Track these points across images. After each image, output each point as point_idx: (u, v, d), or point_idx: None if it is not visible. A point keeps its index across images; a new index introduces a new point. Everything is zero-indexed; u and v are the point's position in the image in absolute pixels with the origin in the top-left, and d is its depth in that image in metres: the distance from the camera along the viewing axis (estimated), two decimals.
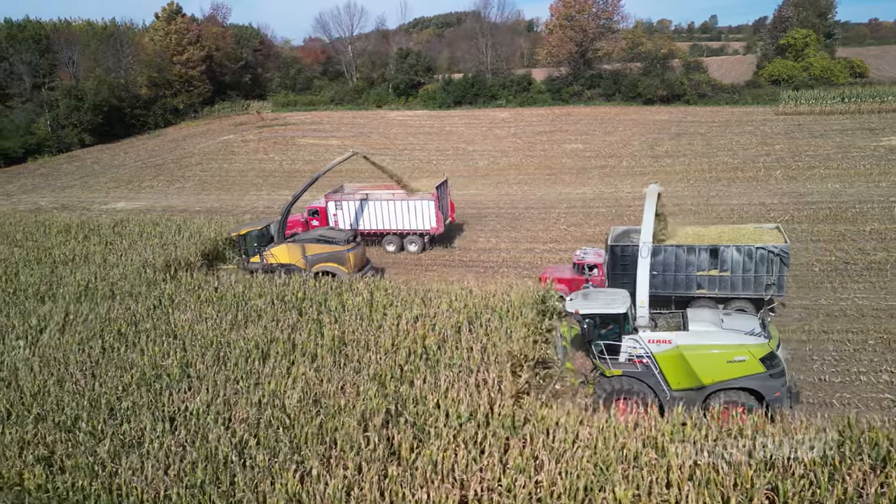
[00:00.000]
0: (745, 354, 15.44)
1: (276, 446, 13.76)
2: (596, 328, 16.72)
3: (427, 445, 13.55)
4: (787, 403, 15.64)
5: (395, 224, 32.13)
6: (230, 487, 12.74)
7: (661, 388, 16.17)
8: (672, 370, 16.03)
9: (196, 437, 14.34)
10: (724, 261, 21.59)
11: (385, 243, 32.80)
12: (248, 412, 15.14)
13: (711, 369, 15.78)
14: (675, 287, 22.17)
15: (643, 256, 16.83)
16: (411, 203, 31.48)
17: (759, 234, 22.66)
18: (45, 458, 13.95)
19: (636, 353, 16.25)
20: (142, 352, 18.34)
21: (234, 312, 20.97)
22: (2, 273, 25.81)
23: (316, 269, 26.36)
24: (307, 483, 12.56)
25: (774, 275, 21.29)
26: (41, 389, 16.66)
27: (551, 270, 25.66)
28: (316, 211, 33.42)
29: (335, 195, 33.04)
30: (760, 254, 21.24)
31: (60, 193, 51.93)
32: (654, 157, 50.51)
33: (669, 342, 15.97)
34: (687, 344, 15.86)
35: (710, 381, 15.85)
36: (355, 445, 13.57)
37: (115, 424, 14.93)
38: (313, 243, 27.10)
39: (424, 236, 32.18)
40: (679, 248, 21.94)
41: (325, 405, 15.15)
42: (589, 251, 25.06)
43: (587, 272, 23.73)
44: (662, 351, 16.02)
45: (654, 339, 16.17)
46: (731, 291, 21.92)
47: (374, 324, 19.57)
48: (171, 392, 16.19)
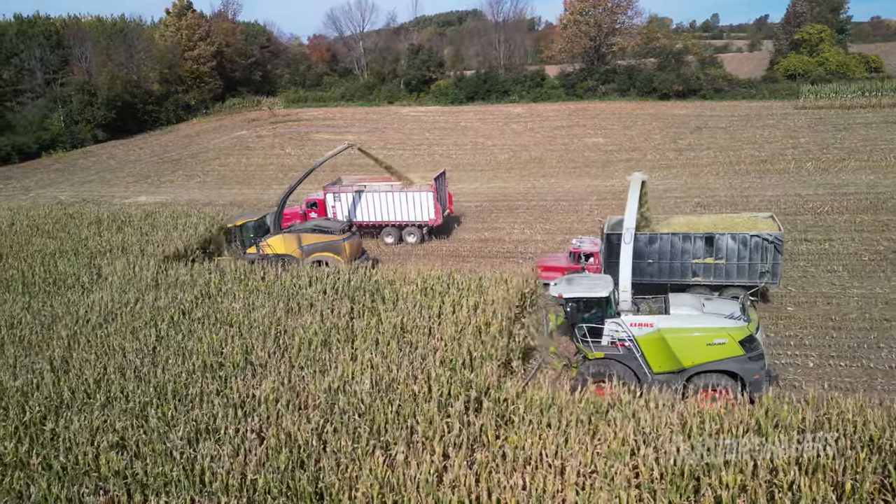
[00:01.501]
0: (725, 337, 15.77)
1: (356, 432, 13.44)
2: (579, 311, 17.11)
3: (512, 431, 13.23)
4: (766, 386, 15.71)
5: (393, 216, 32.13)
6: (315, 472, 12.41)
7: (643, 370, 16.49)
8: (653, 353, 16.35)
9: (269, 424, 14.03)
10: (719, 249, 21.75)
11: (383, 235, 32.77)
12: (319, 398, 14.82)
13: (692, 352, 16.08)
14: (671, 275, 22.28)
15: (626, 242, 17.15)
16: (410, 195, 31.51)
17: (753, 222, 22.77)
18: (118, 444, 13.62)
19: (618, 336, 16.58)
20: (199, 339, 18.00)
21: (286, 301, 20.65)
22: (40, 263, 25.45)
23: (312, 258, 26.38)
24: (396, 468, 12.23)
25: (769, 262, 21.43)
26: (101, 377, 16.34)
27: (548, 259, 25.78)
28: (314, 203, 33.34)
29: (333, 187, 32.99)
30: (755, 242, 21.39)
31: (80, 188, 51.55)
32: (677, 150, 50.17)
33: (651, 325, 16.28)
34: (668, 327, 16.20)
35: (690, 364, 16.15)
36: (437, 431, 13.24)
37: (185, 410, 14.61)
38: (309, 233, 27.25)
39: (423, 228, 32.20)
40: (675, 237, 22.12)
41: (398, 391, 14.82)
42: (585, 240, 25.34)
43: (583, 260, 23.89)
44: (644, 334, 16.34)
45: (636, 322, 16.47)
46: (725, 279, 22.04)
47: (433, 310, 19.24)
48: (236, 378, 15.89)
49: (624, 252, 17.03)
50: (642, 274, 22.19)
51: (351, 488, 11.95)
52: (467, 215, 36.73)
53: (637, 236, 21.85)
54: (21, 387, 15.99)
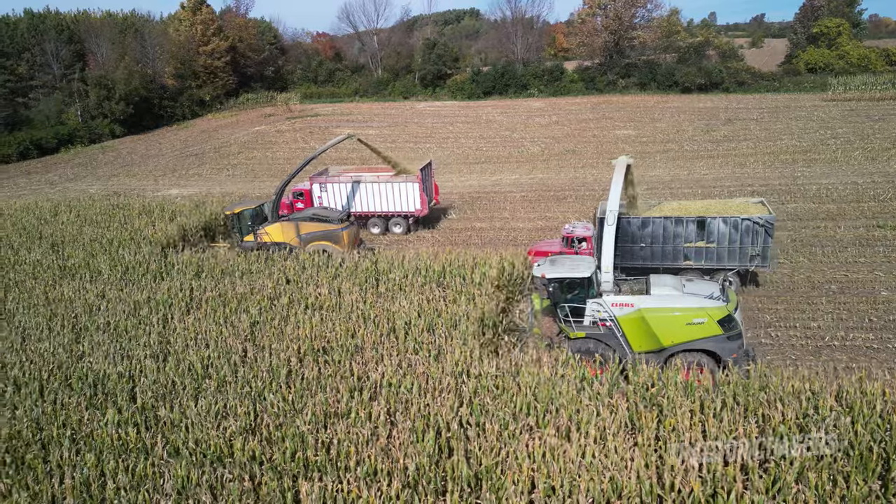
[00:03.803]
0: (704, 317, 15.88)
1: (496, 414, 12.84)
2: (562, 292, 17.15)
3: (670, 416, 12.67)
4: (743, 365, 15.64)
5: (379, 206, 31.87)
6: (464, 455, 11.79)
7: (624, 349, 16.51)
8: (634, 332, 16.44)
9: (398, 407, 13.43)
10: (711, 232, 21.73)
11: (370, 226, 32.42)
12: (444, 381, 14.22)
13: (671, 331, 16.16)
14: (663, 259, 22.23)
15: (609, 224, 17.05)
16: (396, 185, 31.26)
17: (744, 206, 22.78)
18: (247, 429, 12.99)
19: (600, 316, 16.66)
20: (297, 324, 17.37)
21: (374, 286, 20.04)
22: (101, 251, 24.77)
23: (310, 247, 25.97)
24: (554, 450, 11.64)
25: (759, 246, 21.45)
26: (206, 362, 15.70)
27: (541, 244, 25.66)
28: (301, 193, 32.90)
29: (320, 177, 32.61)
30: (746, 225, 21.39)
31: (107, 182, 50.70)
32: (714, 141, 49.70)
33: (632, 305, 16.37)
34: (648, 307, 16.28)
35: (669, 343, 16.23)
36: (586, 414, 12.66)
37: (308, 394, 13.98)
38: (307, 222, 26.94)
39: (409, 218, 32.06)
40: (667, 220, 22.02)
41: (530, 373, 14.23)
42: (578, 225, 25.18)
43: (576, 245, 23.78)
44: (625, 314, 16.42)
45: (617, 302, 16.54)
46: (717, 263, 21.97)
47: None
48: (350, 362, 15.28)
49: (606, 233, 16.96)
50: (634, 258, 22.25)
51: (503, 472, 11.37)
52: (514, 204, 36.19)
53: (630, 220, 22.06)
54: (124, 373, 15.36)
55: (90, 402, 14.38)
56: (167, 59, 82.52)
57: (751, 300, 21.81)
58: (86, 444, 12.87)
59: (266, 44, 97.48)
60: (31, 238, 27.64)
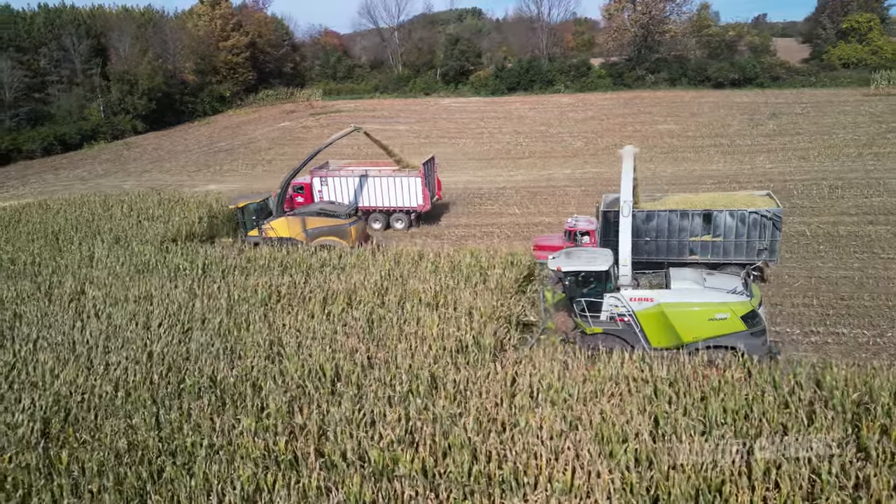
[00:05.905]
0: (727, 312, 15.29)
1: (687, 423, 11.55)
2: (578, 286, 16.66)
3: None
4: (768, 361, 14.57)
5: (381, 201, 31.01)
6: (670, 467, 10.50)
7: (642, 345, 15.83)
8: (653, 328, 15.87)
9: (567, 414, 12.13)
10: (717, 226, 21.30)
11: (371, 220, 31.41)
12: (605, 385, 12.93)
13: (692, 327, 15.58)
14: (668, 253, 21.79)
15: (624, 215, 16.52)
16: (398, 180, 30.42)
17: (751, 199, 22.26)
18: (404, 439, 11.66)
19: (618, 311, 16.09)
20: (419, 322, 16.05)
21: (482, 281, 18.71)
22: (173, 246, 23.47)
23: (316, 242, 25.06)
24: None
25: (767, 239, 21.02)
26: (333, 364, 14.34)
27: (543, 239, 25.33)
28: (301, 187, 32.03)
29: (320, 171, 31.90)
30: (753, 218, 20.98)
31: (139, 177, 49.36)
32: (766, 136, 48.43)
33: (651, 300, 15.78)
34: (668, 302, 15.68)
35: (690, 339, 15.60)
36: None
37: (462, 399, 12.66)
38: (314, 217, 26.19)
39: (411, 213, 31.36)
40: (672, 214, 21.61)
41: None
42: (581, 218, 24.78)
43: (579, 239, 23.43)
44: (644, 309, 15.85)
45: (636, 297, 15.96)
46: (723, 257, 21.60)
47: None
48: (495, 364, 13.98)
49: (623, 225, 16.34)
50: (639, 252, 21.25)
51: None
52: (576, 199, 35.00)
53: (634, 213, 20.76)
54: (240, 374, 14.03)
55: (215, 408, 13.04)
56: (187, 55, 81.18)
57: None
58: (229, 456, 11.53)
59: (282, 40, 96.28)
60: (90, 233, 26.28)
